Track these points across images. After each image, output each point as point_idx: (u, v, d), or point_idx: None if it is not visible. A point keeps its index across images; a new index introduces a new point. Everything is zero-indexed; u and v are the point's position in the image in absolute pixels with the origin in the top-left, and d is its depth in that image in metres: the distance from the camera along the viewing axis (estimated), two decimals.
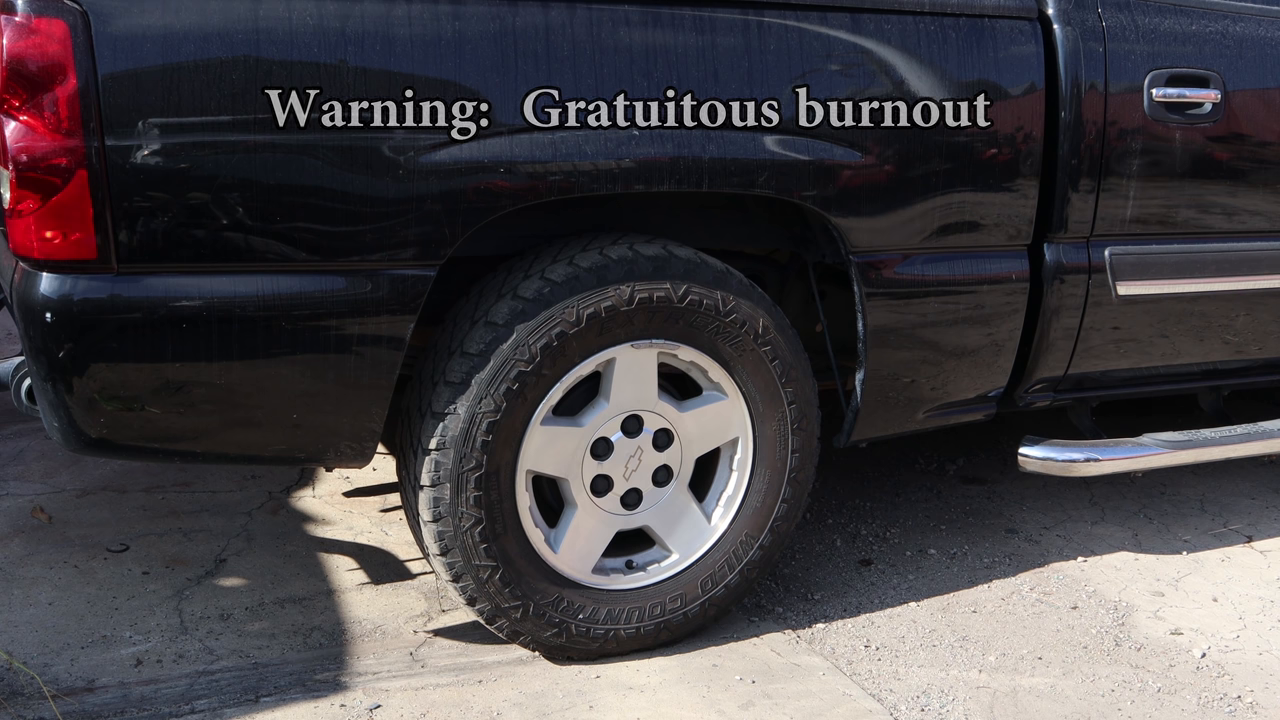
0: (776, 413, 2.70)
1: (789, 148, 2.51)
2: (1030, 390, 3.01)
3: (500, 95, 2.29)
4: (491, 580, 2.53)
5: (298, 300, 2.27)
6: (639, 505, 2.68)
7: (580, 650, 2.67)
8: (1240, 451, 3.17)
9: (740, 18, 2.46)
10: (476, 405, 2.42)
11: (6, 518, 3.28)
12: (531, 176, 2.33)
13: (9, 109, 2.08)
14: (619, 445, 2.62)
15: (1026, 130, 2.73)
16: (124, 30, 2.09)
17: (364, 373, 2.35)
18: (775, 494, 2.75)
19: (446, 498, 2.46)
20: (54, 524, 3.24)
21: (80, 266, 2.14)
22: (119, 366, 2.21)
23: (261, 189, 2.19)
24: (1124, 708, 2.62)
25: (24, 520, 3.26)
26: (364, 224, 2.26)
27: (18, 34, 2.06)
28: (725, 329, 2.59)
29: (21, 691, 2.49)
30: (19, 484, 3.50)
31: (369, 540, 3.24)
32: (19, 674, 2.54)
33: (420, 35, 2.24)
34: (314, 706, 2.50)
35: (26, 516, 3.28)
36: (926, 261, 2.73)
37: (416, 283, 2.32)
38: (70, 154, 2.08)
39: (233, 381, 2.28)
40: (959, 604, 3.03)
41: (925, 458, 3.93)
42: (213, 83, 2.14)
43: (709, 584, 2.74)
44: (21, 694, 2.49)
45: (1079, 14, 2.77)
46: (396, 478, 2.66)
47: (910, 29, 2.60)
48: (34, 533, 3.19)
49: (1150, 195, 2.90)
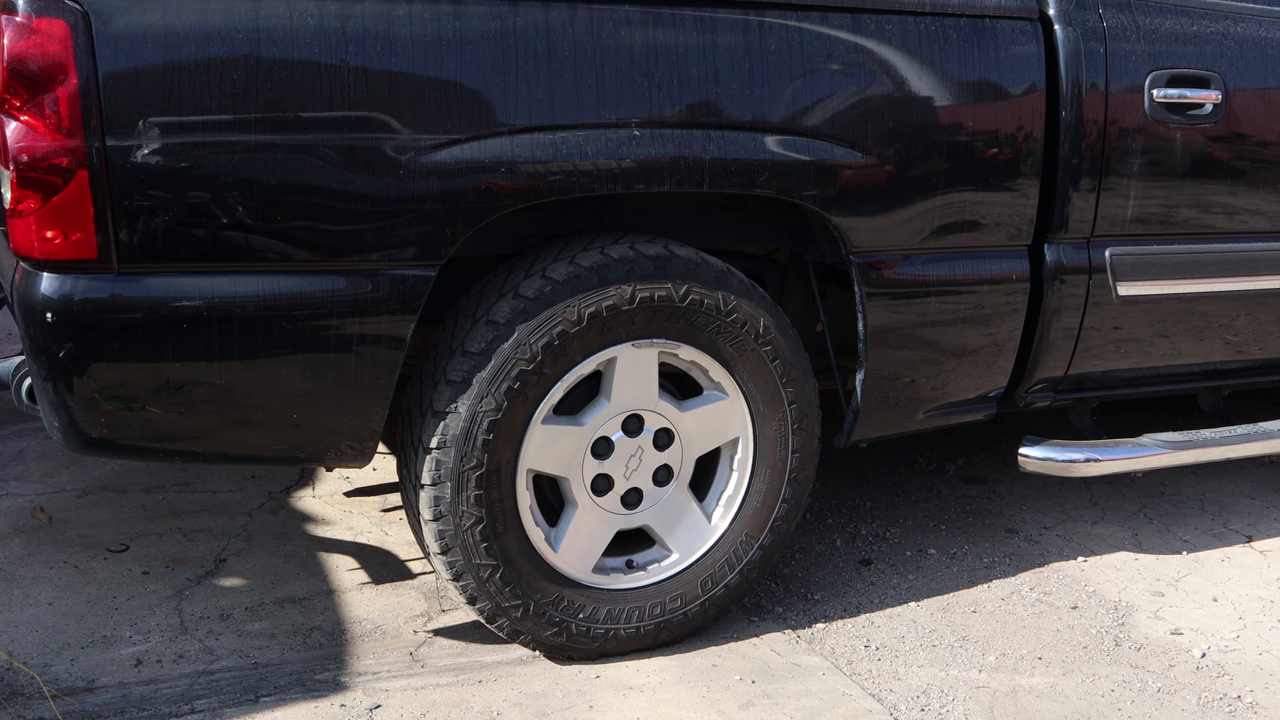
0: (777, 412, 2.70)
1: (789, 148, 2.51)
2: (1030, 390, 3.01)
3: (501, 95, 2.29)
4: (492, 579, 2.54)
5: (298, 300, 2.27)
6: (639, 505, 2.69)
7: (580, 650, 2.67)
8: (1240, 452, 3.18)
9: (741, 18, 2.46)
10: (477, 404, 2.43)
11: (6, 518, 3.28)
12: (532, 176, 2.33)
13: (10, 109, 2.08)
14: (619, 444, 2.62)
15: (1027, 130, 2.73)
16: (125, 30, 2.09)
17: (364, 372, 2.35)
18: (776, 494, 2.75)
19: (447, 496, 2.46)
20: (54, 524, 3.25)
21: (81, 266, 2.14)
22: (119, 366, 2.21)
23: (262, 189, 2.19)
24: (1124, 708, 2.63)
25: (24, 520, 3.27)
26: (364, 224, 2.26)
27: (19, 34, 2.06)
28: (726, 329, 2.59)
29: (21, 691, 2.49)
30: (19, 484, 3.50)
31: (369, 540, 3.24)
32: (19, 674, 2.55)
33: (421, 35, 2.24)
34: (314, 706, 2.50)
35: (26, 516, 3.29)
36: (927, 261, 2.73)
37: (417, 283, 2.32)
38: (71, 154, 2.08)
39: (233, 381, 2.28)
40: (959, 604, 3.04)
41: (925, 458, 3.94)
42: (213, 82, 2.14)
43: (709, 584, 2.75)
44: (21, 694, 2.49)
45: (1080, 14, 2.77)
46: (397, 477, 2.66)
47: (911, 29, 2.60)
48: (34, 533, 3.19)
49: (1151, 195, 2.90)
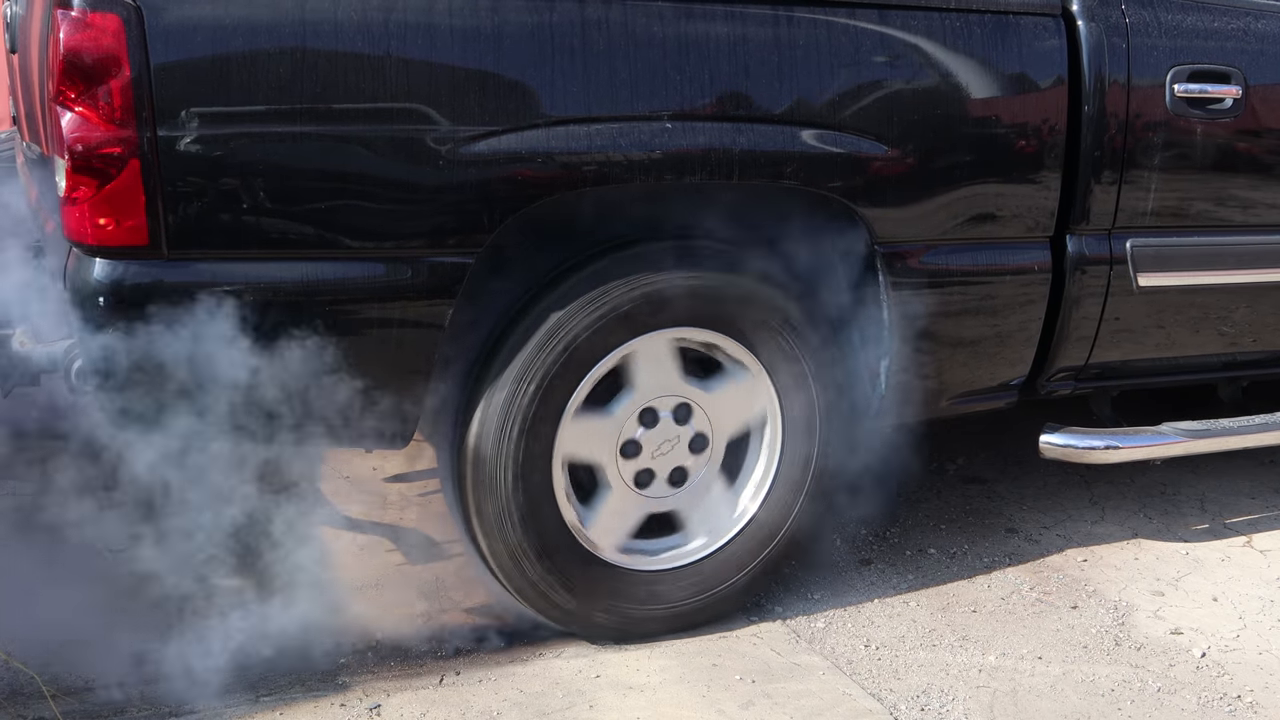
0: (805, 398, 2.77)
1: (817, 140, 2.57)
2: (1052, 379, 3.05)
3: (538, 88, 2.35)
4: (529, 561, 2.60)
5: (340, 286, 2.33)
6: (683, 483, 2.75)
7: (629, 632, 2.75)
8: (1259, 441, 3.20)
9: (770, 12, 2.51)
10: (518, 387, 2.49)
11: (6, 518, 3.25)
12: (567, 167, 2.39)
13: (65, 100, 2.15)
14: (660, 429, 2.69)
15: (1050, 124, 2.77)
16: (175, 23, 2.15)
17: (404, 358, 2.42)
18: None
19: (486, 480, 2.53)
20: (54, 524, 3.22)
21: (132, 252, 2.21)
22: None
23: (306, 178, 2.26)
24: (1124, 707, 2.63)
25: (23, 520, 3.21)
26: (405, 213, 2.32)
27: (74, 28, 2.13)
28: (760, 315, 2.65)
29: (21, 691, 2.48)
30: (19, 483, 3.44)
31: (370, 539, 3.24)
32: (19, 674, 2.53)
33: (461, 28, 2.30)
34: (314, 706, 2.51)
35: (26, 516, 3.23)
36: (951, 252, 2.78)
37: (455, 270, 2.38)
38: (124, 143, 2.15)
39: (276, 365, 2.34)
40: (959, 603, 3.04)
41: (925, 457, 3.93)
42: (260, 74, 2.20)
43: (736, 569, 2.81)
44: (21, 694, 2.47)
45: (1103, 10, 2.82)
46: (437, 465, 2.70)
47: (936, 25, 2.65)
48: (34, 532, 3.13)
49: (1171, 188, 2.94)
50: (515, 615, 2.80)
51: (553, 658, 2.73)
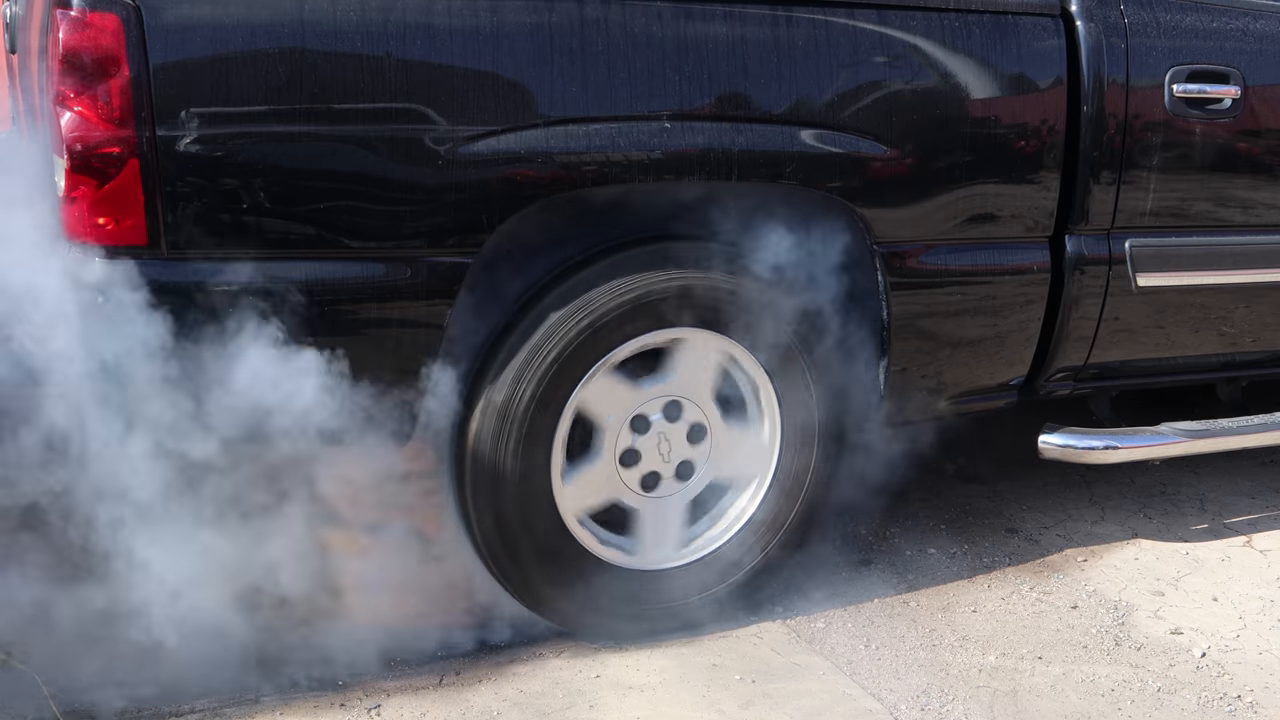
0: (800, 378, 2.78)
1: (816, 140, 2.57)
2: (1051, 379, 3.06)
3: (537, 88, 2.35)
4: (532, 561, 2.62)
5: (339, 285, 2.34)
6: (692, 475, 2.76)
7: (622, 632, 2.75)
8: (1258, 441, 3.20)
9: (769, 13, 2.52)
10: (515, 389, 2.50)
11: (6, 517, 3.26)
12: (566, 167, 2.39)
13: (64, 100, 2.15)
14: (651, 435, 2.69)
15: (1049, 124, 2.78)
16: (174, 23, 2.16)
17: (403, 357, 2.42)
18: None
19: (486, 480, 2.54)
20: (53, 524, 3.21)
21: (131, 252, 2.21)
22: None
23: (305, 178, 2.26)
24: (1124, 707, 2.63)
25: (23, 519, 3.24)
26: (405, 213, 2.32)
27: (73, 28, 2.13)
28: (758, 315, 2.65)
29: (21, 691, 2.48)
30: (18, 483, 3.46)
31: (369, 540, 3.20)
32: (19, 674, 2.52)
33: (460, 29, 2.30)
34: (314, 706, 2.51)
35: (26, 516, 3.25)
36: (950, 252, 2.79)
37: (455, 270, 2.39)
38: (123, 143, 2.15)
39: (276, 364, 2.35)
40: (959, 603, 3.04)
41: (925, 458, 3.92)
42: (259, 74, 2.20)
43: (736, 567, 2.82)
44: (21, 694, 2.47)
45: (1101, 10, 2.82)
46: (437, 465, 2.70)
47: (935, 25, 2.65)
48: (33, 532, 3.17)
49: (1170, 189, 2.94)
50: (515, 615, 2.79)
51: (553, 658, 2.73)
